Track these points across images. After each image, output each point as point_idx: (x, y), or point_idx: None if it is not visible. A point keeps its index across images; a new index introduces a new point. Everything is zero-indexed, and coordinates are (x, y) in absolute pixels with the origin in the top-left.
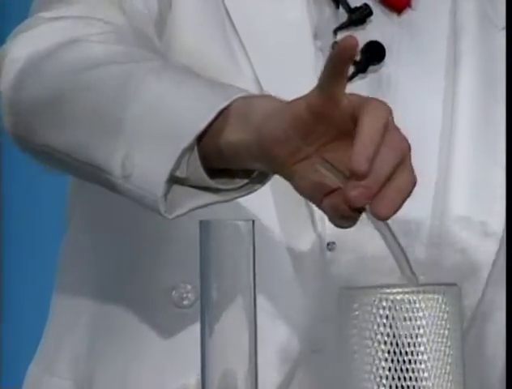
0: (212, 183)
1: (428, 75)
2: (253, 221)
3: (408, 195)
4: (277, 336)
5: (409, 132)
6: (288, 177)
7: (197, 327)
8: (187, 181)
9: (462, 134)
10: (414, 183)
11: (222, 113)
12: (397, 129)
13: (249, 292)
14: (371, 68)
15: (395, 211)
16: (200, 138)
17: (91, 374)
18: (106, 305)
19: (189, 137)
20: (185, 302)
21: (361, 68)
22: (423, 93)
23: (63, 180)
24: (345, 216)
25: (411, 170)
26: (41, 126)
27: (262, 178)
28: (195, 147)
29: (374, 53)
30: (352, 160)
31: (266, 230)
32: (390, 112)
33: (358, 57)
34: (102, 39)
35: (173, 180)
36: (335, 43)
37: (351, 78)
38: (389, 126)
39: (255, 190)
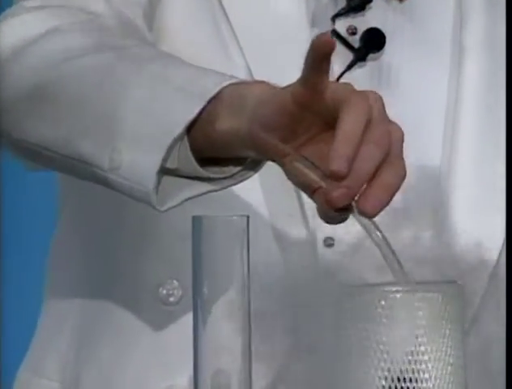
0: (204, 172)
1: (432, 64)
2: (248, 217)
3: (396, 190)
4: (269, 335)
5: (412, 122)
6: (280, 166)
7: (184, 324)
8: (178, 171)
9: (467, 125)
10: (403, 177)
11: (212, 101)
12: (382, 122)
13: (242, 290)
14: (371, 56)
15: (382, 208)
16: (190, 127)
17: (77, 375)
18: (93, 306)
19: (179, 127)
20: (172, 299)
21: (360, 56)
22: (426, 82)
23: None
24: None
25: (399, 164)
26: (23, 120)
27: (254, 165)
28: (185, 137)
29: (374, 41)
30: (330, 161)
31: (255, 226)
32: (371, 107)
33: (357, 45)
34: (83, 28)
35: (163, 171)
36: (334, 31)
37: (350, 66)
38: (373, 120)
39: (248, 178)
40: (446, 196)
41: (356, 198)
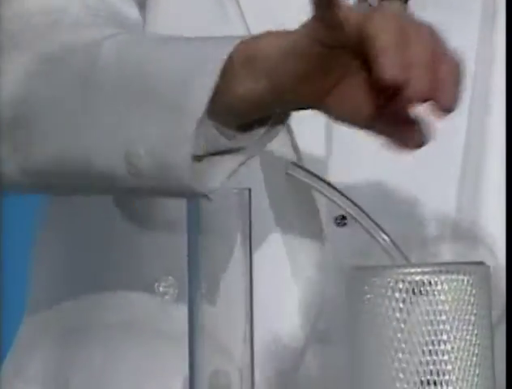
0: (234, 144)
1: (458, 29)
2: (250, 190)
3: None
4: (277, 325)
5: None
6: (322, 110)
7: (180, 324)
8: (208, 151)
9: (500, 98)
10: (459, 66)
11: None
12: (418, 23)
13: (243, 274)
14: None
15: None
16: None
17: (64, 379)
18: (81, 306)
19: (199, 108)
20: (167, 297)
21: None
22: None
23: None
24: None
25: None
26: (12, 147)
27: (282, 117)
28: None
29: None
30: (379, 71)
31: (259, 204)
32: (400, 15)
33: None
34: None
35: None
36: None
37: None
38: (407, 25)
39: (279, 132)
40: (474, 193)
41: None
